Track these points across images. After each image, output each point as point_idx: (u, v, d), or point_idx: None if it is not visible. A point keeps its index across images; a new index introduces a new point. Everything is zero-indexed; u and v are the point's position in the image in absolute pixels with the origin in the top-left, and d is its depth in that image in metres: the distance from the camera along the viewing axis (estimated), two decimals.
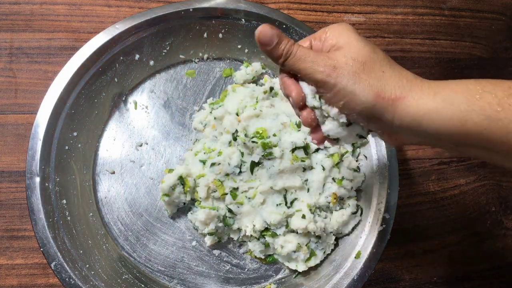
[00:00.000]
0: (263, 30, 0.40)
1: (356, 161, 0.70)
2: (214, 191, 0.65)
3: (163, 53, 0.71)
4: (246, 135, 0.65)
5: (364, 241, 0.65)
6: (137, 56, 0.68)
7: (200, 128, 0.70)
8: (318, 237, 0.66)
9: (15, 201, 0.66)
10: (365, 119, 0.41)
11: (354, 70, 0.39)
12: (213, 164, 0.65)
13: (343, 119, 0.42)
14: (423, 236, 0.76)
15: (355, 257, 0.64)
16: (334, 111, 0.41)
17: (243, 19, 0.68)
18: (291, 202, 0.65)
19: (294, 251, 0.65)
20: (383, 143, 0.67)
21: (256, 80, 0.74)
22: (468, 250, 0.77)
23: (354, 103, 0.39)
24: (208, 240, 0.66)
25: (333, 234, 0.67)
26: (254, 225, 0.65)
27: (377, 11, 0.82)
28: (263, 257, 0.68)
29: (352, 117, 0.41)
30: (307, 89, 0.42)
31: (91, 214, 0.65)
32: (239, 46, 0.73)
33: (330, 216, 0.67)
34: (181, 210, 0.68)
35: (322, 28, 0.45)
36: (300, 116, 0.45)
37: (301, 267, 0.66)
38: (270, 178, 0.65)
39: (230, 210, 0.65)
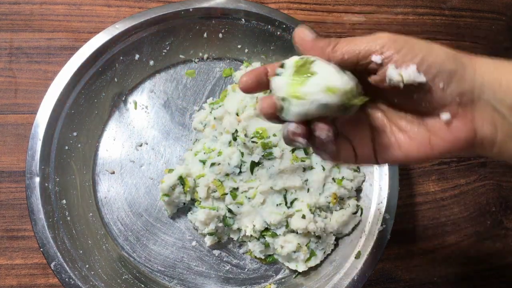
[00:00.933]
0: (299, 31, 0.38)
1: None
2: (214, 191, 0.65)
3: (163, 53, 0.70)
4: (246, 135, 0.65)
5: (364, 241, 0.65)
6: (137, 56, 0.68)
7: (200, 128, 0.70)
8: (318, 237, 0.66)
9: (15, 201, 0.66)
10: (447, 76, 0.35)
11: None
12: (213, 164, 0.65)
13: (421, 78, 0.34)
14: (423, 236, 0.76)
15: (355, 257, 0.64)
16: (411, 68, 0.34)
17: (243, 19, 0.68)
18: (291, 202, 0.65)
19: (294, 251, 0.65)
20: None
21: None
22: (468, 250, 0.77)
23: (434, 55, 0.35)
24: (208, 240, 0.66)
25: (333, 234, 0.67)
26: (254, 225, 0.65)
27: (378, 11, 0.82)
28: (263, 257, 0.68)
29: (432, 73, 0.35)
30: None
31: (91, 214, 0.65)
32: (239, 46, 0.72)
33: (330, 216, 0.67)
34: (181, 210, 0.68)
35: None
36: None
37: (301, 267, 0.66)
38: (270, 178, 0.65)
39: (230, 210, 0.65)
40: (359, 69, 0.37)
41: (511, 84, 0.34)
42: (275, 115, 0.37)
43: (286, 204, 0.65)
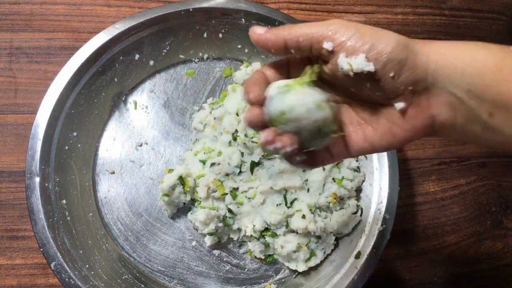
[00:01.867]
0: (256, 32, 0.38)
1: (356, 161, 0.70)
2: (214, 191, 0.65)
3: (163, 53, 0.70)
4: (246, 135, 0.65)
5: (364, 241, 0.65)
6: (137, 56, 0.68)
7: (200, 128, 0.70)
8: (318, 237, 0.66)
9: (15, 201, 0.66)
10: (397, 64, 0.34)
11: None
12: (213, 164, 0.65)
13: (370, 67, 0.34)
14: (423, 236, 0.76)
15: (355, 257, 0.64)
16: (360, 57, 0.34)
17: (243, 19, 0.68)
18: (291, 202, 0.65)
19: (294, 251, 0.65)
20: None
21: None
22: (468, 250, 0.77)
23: (384, 43, 0.34)
24: (208, 240, 0.66)
25: (333, 234, 0.67)
26: (254, 225, 0.65)
27: (377, 11, 0.82)
28: (263, 257, 0.68)
29: (381, 62, 0.34)
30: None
31: (91, 214, 0.65)
32: (239, 46, 0.72)
33: (330, 216, 0.67)
34: (181, 210, 0.68)
35: None
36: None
37: (301, 267, 0.66)
38: (270, 178, 0.65)
39: (230, 210, 0.65)
40: (314, 55, 0.37)
41: (466, 67, 0.33)
42: (264, 124, 0.37)
43: (286, 204, 0.65)
